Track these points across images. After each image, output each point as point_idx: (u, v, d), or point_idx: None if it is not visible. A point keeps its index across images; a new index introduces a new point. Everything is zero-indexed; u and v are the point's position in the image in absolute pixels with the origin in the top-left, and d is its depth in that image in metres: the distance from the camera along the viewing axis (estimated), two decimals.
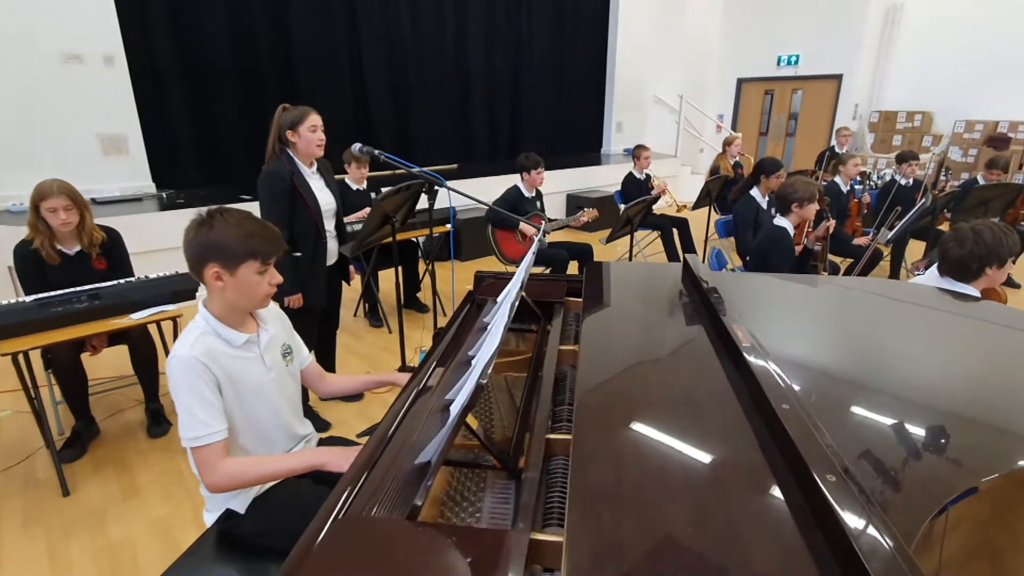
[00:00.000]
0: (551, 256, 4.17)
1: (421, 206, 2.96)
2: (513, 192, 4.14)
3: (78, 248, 2.57)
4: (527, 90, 8.08)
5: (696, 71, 9.80)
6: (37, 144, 4.43)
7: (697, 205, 5.06)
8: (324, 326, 2.85)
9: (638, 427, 0.91)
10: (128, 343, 2.67)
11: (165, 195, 5.15)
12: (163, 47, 5.09)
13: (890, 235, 3.66)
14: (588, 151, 9.05)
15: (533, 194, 4.24)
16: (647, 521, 0.72)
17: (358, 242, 2.50)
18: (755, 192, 4.18)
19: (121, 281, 2.54)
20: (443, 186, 2.22)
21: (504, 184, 4.34)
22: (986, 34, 8.20)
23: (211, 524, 1.38)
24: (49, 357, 2.54)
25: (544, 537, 0.78)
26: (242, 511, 1.37)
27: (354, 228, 3.03)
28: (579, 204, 6.72)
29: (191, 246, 1.29)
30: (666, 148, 9.06)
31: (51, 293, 2.33)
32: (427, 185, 2.48)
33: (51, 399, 2.71)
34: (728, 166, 6.02)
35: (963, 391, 1.12)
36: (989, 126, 8.09)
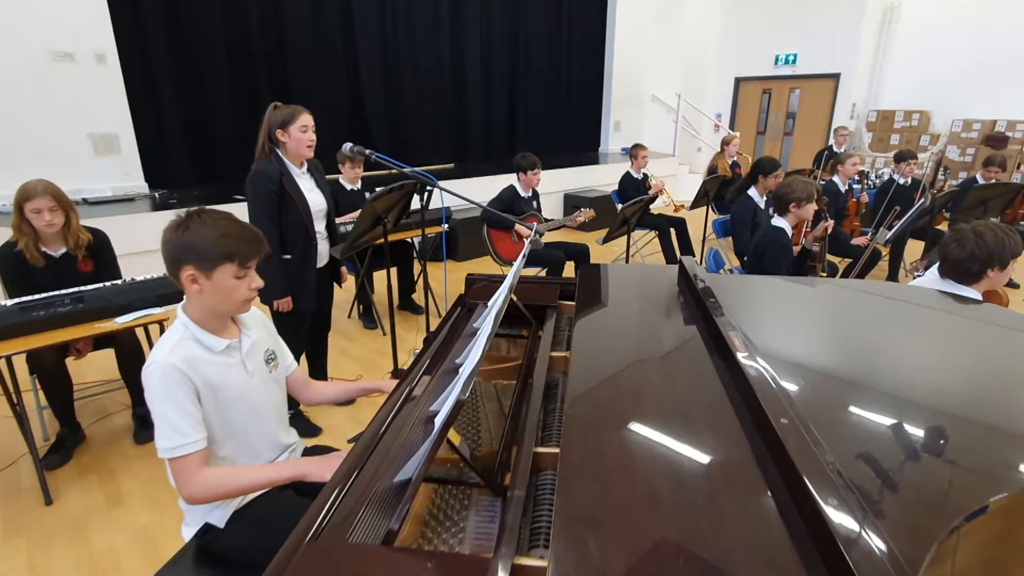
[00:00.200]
0: (547, 256, 4.13)
1: (416, 206, 2.92)
2: (509, 192, 4.10)
3: (63, 250, 2.52)
4: (524, 89, 8.02)
5: (694, 70, 9.76)
6: (27, 143, 4.37)
7: (695, 205, 5.02)
8: (315, 329, 2.81)
9: (629, 442, 0.86)
10: (115, 346, 2.62)
11: (158, 195, 5.09)
12: (156, 45, 5.03)
13: (889, 235, 3.62)
14: (586, 150, 9.00)
15: (529, 194, 4.19)
16: (636, 547, 0.68)
17: (348, 243, 2.45)
18: (753, 192, 4.14)
19: (107, 284, 2.48)
20: (435, 186, 2.18)
21: (501, 183, 4.29)
22: (984, 33, 8.18)
23: (189, 538, 1.34)
24: (33, 362, 2.49)
25: (529, 562, 0.73)
26: (221, 525, 1.32)
27: (347, 229, 2.98)
28: (576, 204, 6.67)
29: (166, 247, 1.25)
30: (664, 147, 9.03)
31: (33, 296, 2.28)
32: (419, 185, 2.43)
33: (36, 404, 2.66)
34: (726, 166, 5.98)
35: (968, 400, 1.07)
36: (987, 125, 8.06)
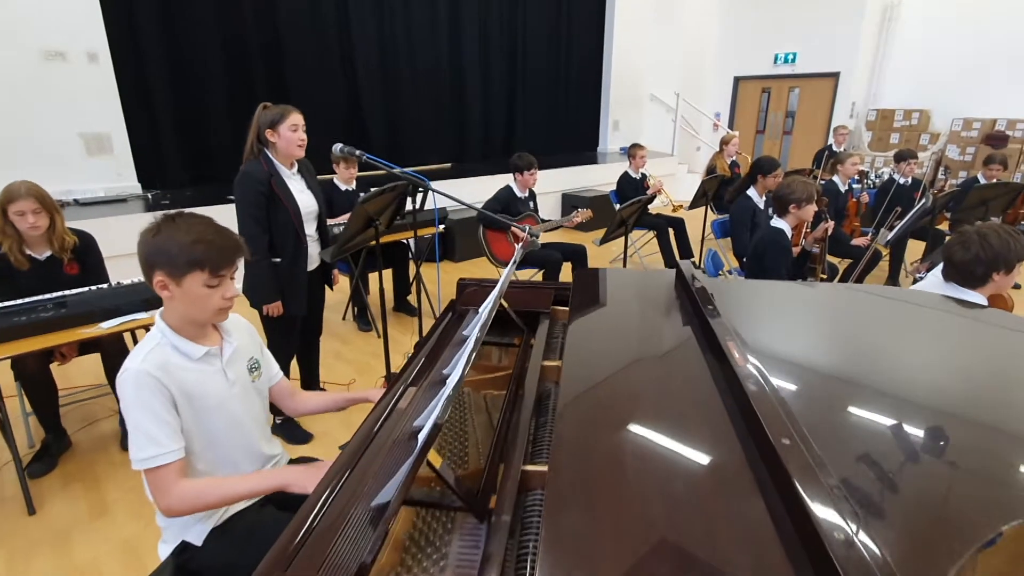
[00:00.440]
0: (544, 257, 4.08)
1: (413, 207, 2.86)
2: (505, 192, 4.05)
3: (48, 253, 2.46)
4: (523, 88, 7.97)
5: (693, 69, 9.71)
6: (18, 143, 4.32)
7: (693, 205, 4.98)
8: (306, 333, 2.75)
9: (622, 462, 0.81)
10: (100, 351, 2.57)
11: (151, 196, 5.04)
12: (149, 44, 4.97)
13: (890, 236, 3.57)
14: (584, 150, 8.95)
15: (526, 194, 4.14)
16: None
17: (339, 246, 2.40)
18: (752, 192, 4.09)
19: (92, 288, 2.43)
20: (427, 188, 2.13)
21: (498, 183, 4.24)
22: (984, 31, 8.13)
23: (166, 557, 1.28)
24: (17, 368, 2.44)
25: None
26: (199, 543, 1.26)
27: (340, 230, 2.92)
28: (574, 204, 6.62)
29: (139, 251, 1.20)
30: (663, 146, 8.98)
31: (15, 301, 2.22)
32: (411, 186, 2.38)
33: (21, 410, 2.60)
34: (725, 165, 5.93)
35: (976, 409, 1.03)
36: (987, 124, 8.02)
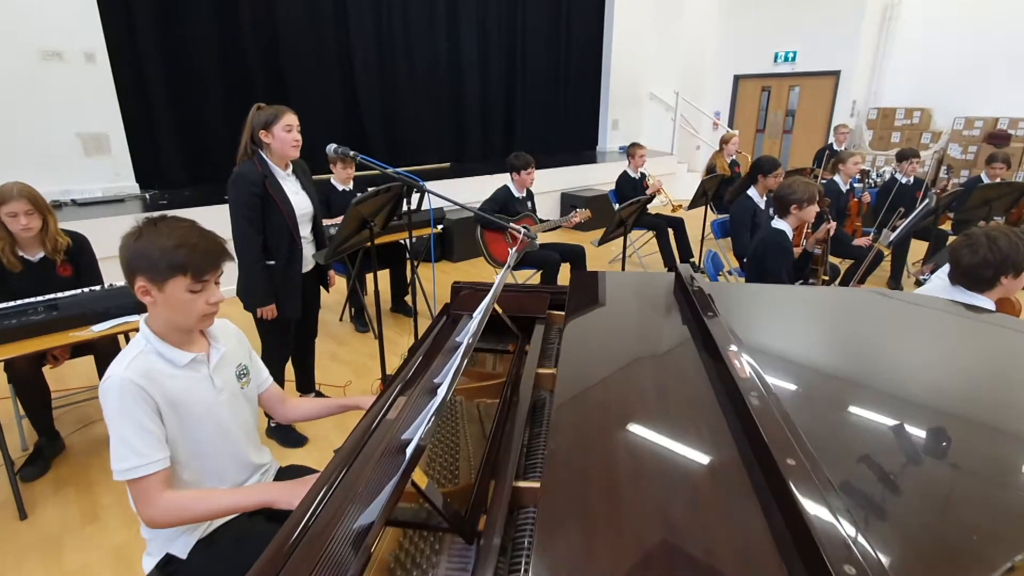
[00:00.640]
0: (542, 258, 4.05)
1: (412, 207, 2.83)
2: (503, 192, 4.01)
3: (41, 254, 2.44)
4: (522, 87, 7.93)
5: (692, 67, 9.66)
6: (15, 143, 4.29)
7: (693, 204, 4.94)
8: (301, 335, 2.72)
9: (618, 480, 0.78)
10: (94, 353, 2.54)
11: (149, 196, 5.00)
12: (147, 43, 4.94)
13: (892, 237, 3.52)
14: (584, 149, 8.91)
15: (524, 194, 4.10)
16: None
17: (332, 248, 2.37)
18: (752, 192, 4.05)
19: (84, 290, 2.40)
20: (422, 189, 2.09)
21: (497, 183, 4.20)
22: (985, 30, 8.08)
23: (150, 570, 1.25)
24: (9, 370, 2.41)
25: None
26: (184, 556, 1.23)
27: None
28: (573, 203, 6.59)
29: (120, 255, 1.17)
30: (662, 146, 8.93)
31: (6, 304, 2.19)
32: (407, 187, 2.35)
33: (15, 413, 2.57)
34: (724, 165, 5.89)
35: (987, 430, 0.99)
36: (989, 123, 7.97)
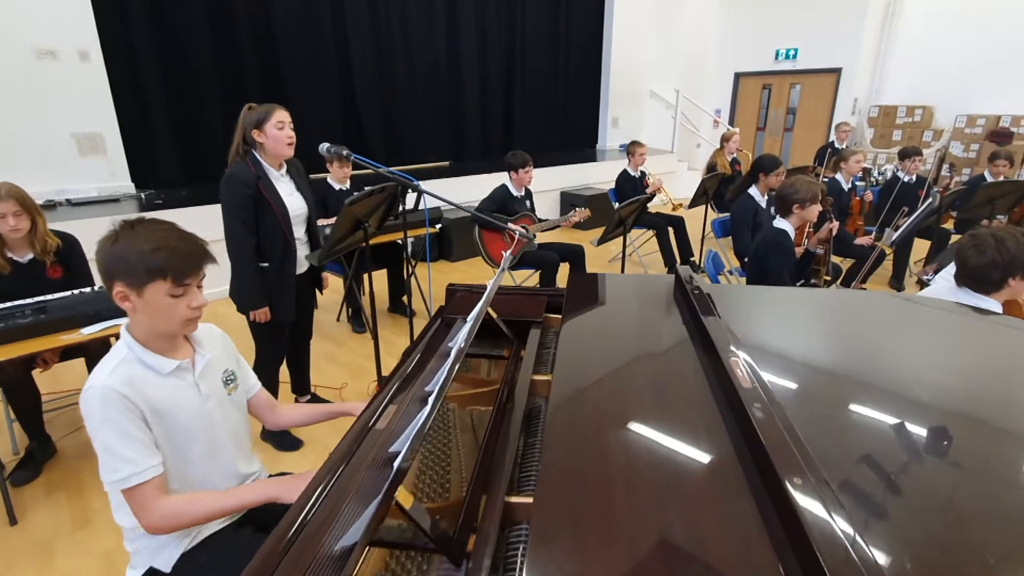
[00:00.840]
0: (540, 258, 4.01)
1: (409, 207, 2.80)
2: (501, 191, 3.97)
3: (31, 256, 2.40)
4: (521, 85, 7.88)
5: (693, 65, 9.61)
6: (9, 143, 4.25)
7: (693, 203, 4.90)
8: (296, 337, 2.68)
9: (614, 494, 0.74)
10: (85, 355, 2.51)
11: (144, 196, 4.96)
12: (142, 42, 4.90)
13: (895, 236, 3.49)
14: (583, 147, 8.87)
15: (522, 193, 4.06)
16: None
17: (325, 250, 2.33)
18: (754, 191, 4.01)
19: (73, 292, 2.36)
20: (416, 189, 2.06)
21: (496, 182, 4.16)
22: (987, 27, 8.02)
23: None
24: None
25: None
26: (167, 569, 1.19)
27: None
28: (572, 202, 6.55)
29: (97, 261, 1.13)
30: (663, 144, 8.89)
31: None
32: (402, 187, 2.31)
33: (6, 417, 2.54)
34: (725, 163, 5.84)
35: (996, 437, 0.95)
36: (991, 121, 7.92)
